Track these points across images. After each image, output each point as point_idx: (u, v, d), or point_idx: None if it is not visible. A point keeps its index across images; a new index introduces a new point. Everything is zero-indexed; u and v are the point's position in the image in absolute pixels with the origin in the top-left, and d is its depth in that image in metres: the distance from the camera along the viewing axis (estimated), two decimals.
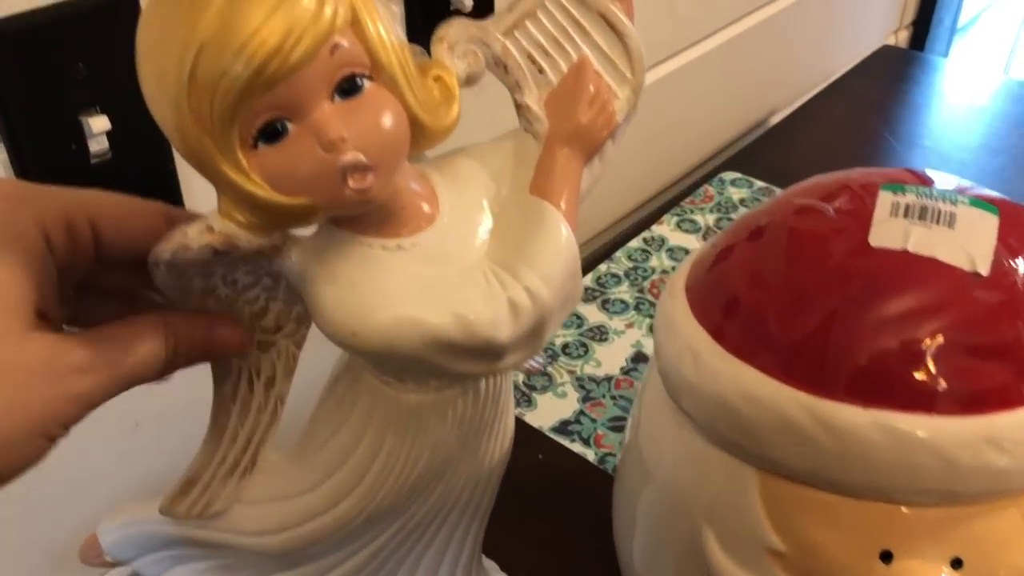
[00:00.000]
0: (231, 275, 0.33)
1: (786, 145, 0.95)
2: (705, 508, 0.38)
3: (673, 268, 0.75)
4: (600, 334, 0.68)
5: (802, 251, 0.37)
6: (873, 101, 1.05)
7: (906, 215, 0.35)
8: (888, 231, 0.35)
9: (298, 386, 0.37)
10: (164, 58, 0.26)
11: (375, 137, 0.27)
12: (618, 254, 0.77)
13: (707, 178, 0.87)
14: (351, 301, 0.30)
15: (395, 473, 0.35)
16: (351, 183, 0.27)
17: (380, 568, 0.40)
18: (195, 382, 0.57)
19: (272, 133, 0.27)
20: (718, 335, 0.38)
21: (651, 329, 0.68)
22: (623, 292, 0.72)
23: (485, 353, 0.31)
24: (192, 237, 0.29)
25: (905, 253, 0.34)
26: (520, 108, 0.33)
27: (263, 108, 0.26)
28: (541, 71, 0.33)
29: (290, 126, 0.27)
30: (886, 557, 0.34)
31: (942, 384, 0.33)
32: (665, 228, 0.80)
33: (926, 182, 0.38)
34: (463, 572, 0.43)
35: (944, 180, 0.39)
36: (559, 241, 0.31)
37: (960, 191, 0.37)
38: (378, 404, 0.34)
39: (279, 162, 0.27)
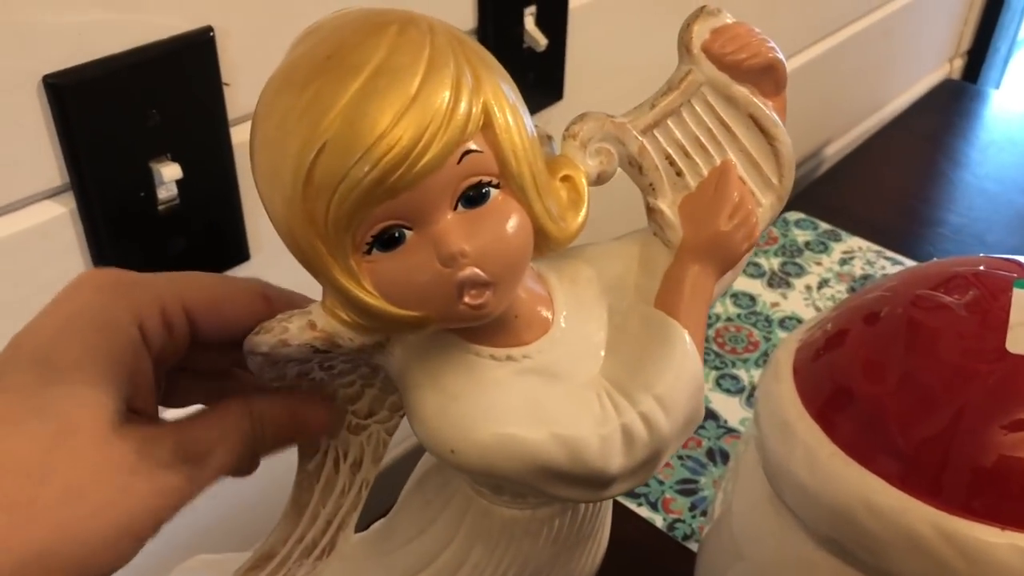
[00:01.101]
0: (328, 362, 0.31)
1: (847, 184, 0.92)
2: None
3: (739, 316, 0.72)
4: None
5: (925, 347, 0.34)
6: (934, 138, 1.02)
7: None
8: None
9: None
10: (281, 153, 0.24)
11: (497, 252, 0.25)
12: None
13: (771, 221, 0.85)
14: (453, 413, 0.27)
15: None
16: (467, 299, 0.25)
17: None
18: None
19: (389, 240, 0.24)
20: (829, 429, 0.35)
21: (718, 383, 0.66)
22: None
23: (591, 482, 0.28)
24: (293, 333, 0.27)
25: None
26: (652, 212, 0.30)
27: (382, 215, 0.24)
28: (679, 174, 0.30)
29: (408, 234, 0.24)
30: None
31: None
32: None
33: None
34: None
35: None
36: (683, 364, 0.28)
37: None
38: (469, 512, 0.32)
39: (393, 271, 0.25)
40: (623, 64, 0.68)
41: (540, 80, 0.63)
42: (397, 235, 0.24)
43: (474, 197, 0.25)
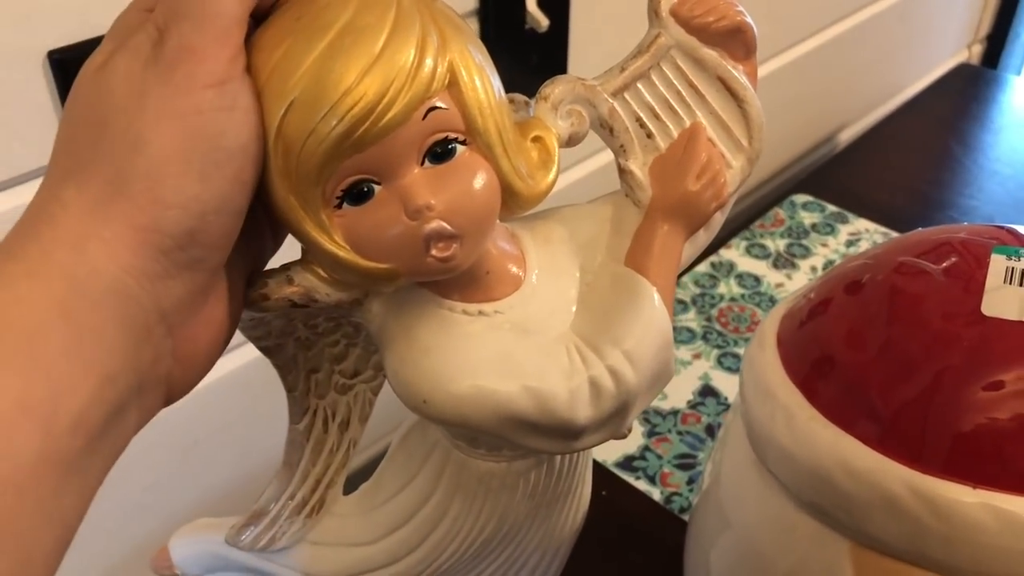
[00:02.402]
0: (311, 320, 0.32)
1: (858, 167, 0.92)
2: (789, 571, 0.36)
3: (743, 296, 0.73)
4: None
5: (905, 313, 0.35)
6: (947, 122, 1.01)
7: (1022, 283, 0.33)
8: (1002, 300, 0.33)
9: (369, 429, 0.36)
10: None
11: (463, 206, 0.26)
12: (685, 279, 0.74)
13: (778, 198, 0.85)
14: (425, 366, 0.28)
15: (460, 537, 0.33)
16: (434, 252, 0.26)
17: None
18: (253, 401, 0.57)
19: (358, 195, 0.25)
20: (811, 394, 0.36)
21: (719, 361, 0.66)
22: (690, 320, 0.70)
23: (561, 433, 0.28)
24: (272, 287, 0.28)
25: (1021, 324, 0.32)
26: (623, 173, 0.31)
27: (350, 169, 0.25)
28: (649, 136, 0.30)
29: (377, 188, 0.25)
30: None
31: None
32: (734, 253, 0.77)
33: None
34: None
35: None
36: (651, 319, 0.29)
37: None
38: (448, 465, 0.32)
39: (363, 225, 0.26)
40: (626, 45, 0.68)
41: (543, 62, 0.64)
42: (366, 189, 0.25)
43: (440, 153, 0.25)
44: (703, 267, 0.76)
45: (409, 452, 0.34)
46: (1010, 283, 0.33)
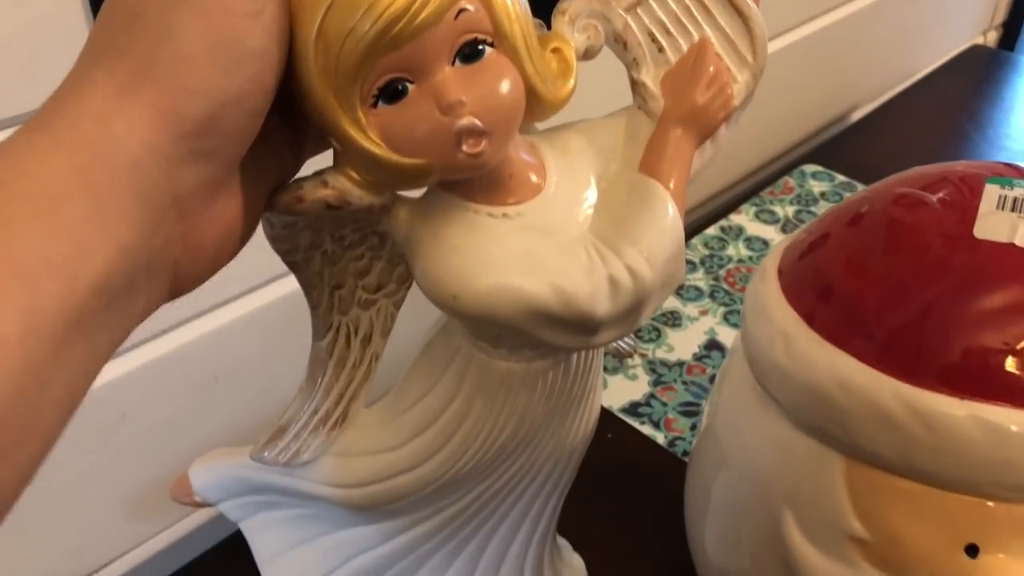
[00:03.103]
0: (339, 231, 0.33)
1: (869, 140, 0.93)
2: (787, 492, 0.38)
3: (751, 258, 0.74)
4: (673, 319, 0.68)
5: (902, 240, 0.37)
6: (960, 100, 1.02)
7: (1014, 209, 0.35)
8: (994, 224, 0.35)
9: (391, 346, 0.38)
10: (297, 15, 0.26)
11: (492, 103, 0.27)
12: (694, 241, 0.76)
13: (787, 170, 0.87)
14: (454, 264, 0.30)
15: (481, 438, 0.35)
16: (465, 147, 0.27)
17: (455, 534, 0.41)
18: (272, 341, 0.59)
19: (393, 93, 0.27)
20: (810, 320, 0.37)
21: (725, 318, 0.68)
22: (698, 279, 0.72)
23: (580, 327, 0.31)
24: (307, 190, 0.30)
25: (1012, 247, 0.34)
26: (636, 85, 0.33)
27: (386, 68, 0.27)
28: (661, 50, 0.32)
29: (410, 87, 0.27)
30: (972, 550, 0.34)
31: None
32: (743, 218, 0.79)
33: None
34: (537, 547, 0.43)
35: None
36: (664, 221, 0.31)
37: None
38: (470, 368, 0.34)
39: (397, 121, 0.27)
40: None
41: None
42: (400, 88, 0.27)
43: (470, 54, 0.27)
44: (712, 230, 0.77)
45: (432, 360, 0.36)
46: (1002, 209, 0.35)
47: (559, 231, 0.31)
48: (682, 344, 0.66)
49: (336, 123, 0.28)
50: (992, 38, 1.33)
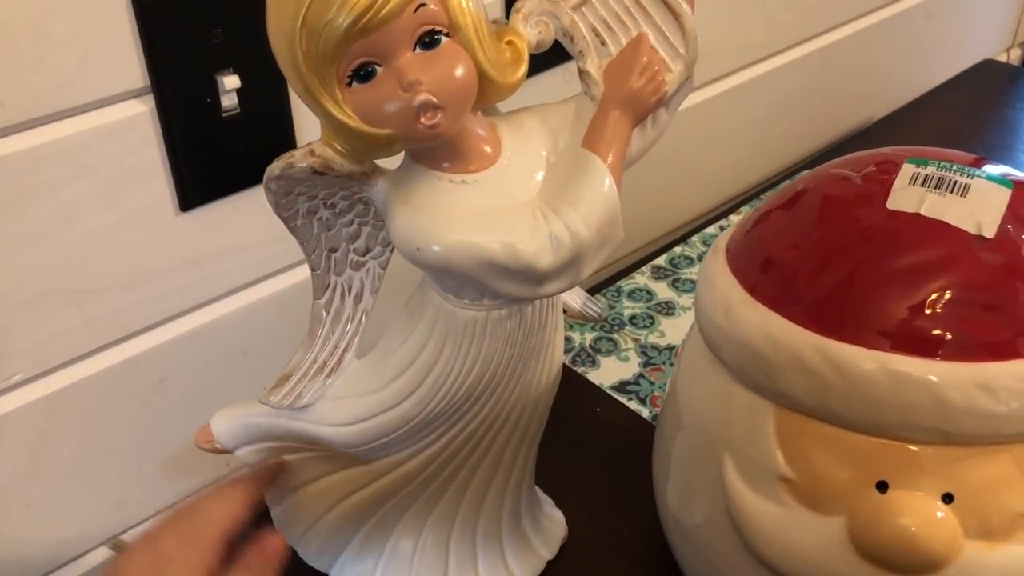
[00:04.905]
0: (331, 198, 0.39)
1: (875, 147, 0.96)
2: (728, 441, 0.42)
3: None
4: (667, 309, 0.73)
5: (830, 215, 0.41)
6: (969, 113, 1.05)
7: (923, 184, 0.39)
8: (904, 197, 0.39)
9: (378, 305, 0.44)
10: (285, 8, 0.32)
11: (446, 83, 0.33)
12: (694, 239, 0.81)
13: (789, 176, 0.91)
14: (419, 222, 0.36)
15: (451, 378, 0.41)
16: (423, 119, 0.33)
17: (435, 477, 0.46)
18: (296, 321, 0.65)
19: (364, 74, 0.33)
20: (752, 290, 0.42)
21: None
22: (694, 273, 0.77)
23: (527, 277, 0.36)
24: (297, 157, 0.36)
25: (918, 216, 0.38)
26: (582, 74, 0.38)
27: (357, 52, 0.32)
28: (603, 43, 0.38)
29: (378, 69, 0.33)
30: (882, 487, 0.38)
31: (942, 333, 0.36)
32: (741, 218, 0.83)
33: (952, 160, 0.41)
34: (512, 496, 0.48)
35: (972, 160, 0.42)
36: (601, 188, 0.36)
37: (982, 169, 0.41)
38: (440, 317, 0.40)
39: (367, 98, 0.33)
40: None
41: None
42: (370, 69, 0.33)
43: (428, 42, 0.33)
44: (712, 229, 0.82)
45: (410, 312, 0.42)
46: (913, 184, 0.39)
47: (511, 196, 0.36)
48: (673, 331, 0.70)
49: (318, 99, 0.34)
50: (1016, 55, 1.35)
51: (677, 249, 0.80)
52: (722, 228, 0.82)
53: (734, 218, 0.84)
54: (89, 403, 0.55)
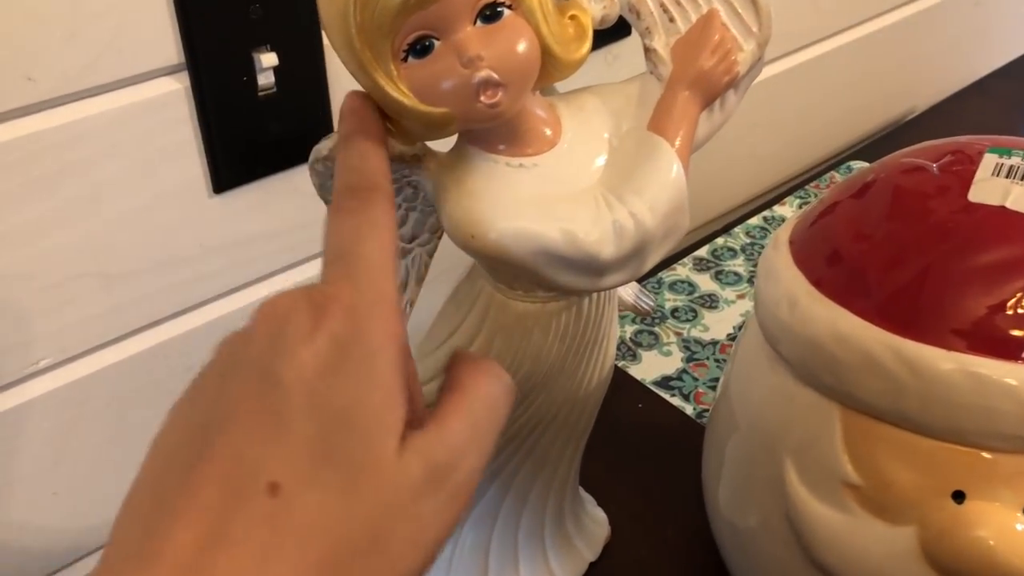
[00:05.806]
0: None
1: (920, 141, 0.94)
2: (789, 444, 0.40)
3: None
4: (711, 302, 0.71)
5: (904, 207, 0.39)
6: (1017, 105, 1.02)
7: (1008, 175, 0.37)
8: (987, 188, 0.37)
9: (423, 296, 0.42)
10: None
11: (508, 59, 0.31)
12: (737, 230, 0.78)
13: (835, 166, 0.88)
14: (474, 208, 0.34)
15: None
16: (483, 98, 0.31)
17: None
18: None
19: (421, 49, 0.31)
20: (817, 284, 0.40)
21: None
22: (738, 265, 0.74)
23: (588, 268, 0.34)
24: None
25: (1003, 209, 0.36)
26: (648, 52, 0.36)
27: (415, 25, 0.30)
28: (672, 19, 0.35)
29: (436, 43, 0.31)
30: (958, 496, 0.35)
31: None
32: (787, 209, 0.81)
33: None
34: (556, 495, 0.46)
35: None
36: (668, 174, 0.34)
37: None
38: (491, 309, 0.38)
39: (424, 74, 0.31)
40: None
41: None
42: (427, 44, 0.31)
43: (490, 15, 0.31)
44: (756, 220, 0.79)
45: (458, 302, 0.40)
46: (997, 176, 0.37)
47: (571, 181, 0.34)
48: (717, 325, 0.68)
49: (371, 75, 0.31)
50: None
51: (719, 240, 0.77)
52: (766, 220, 0.80)
53: (779, 209, 0.81)
54: (117, 390, 0.54)
